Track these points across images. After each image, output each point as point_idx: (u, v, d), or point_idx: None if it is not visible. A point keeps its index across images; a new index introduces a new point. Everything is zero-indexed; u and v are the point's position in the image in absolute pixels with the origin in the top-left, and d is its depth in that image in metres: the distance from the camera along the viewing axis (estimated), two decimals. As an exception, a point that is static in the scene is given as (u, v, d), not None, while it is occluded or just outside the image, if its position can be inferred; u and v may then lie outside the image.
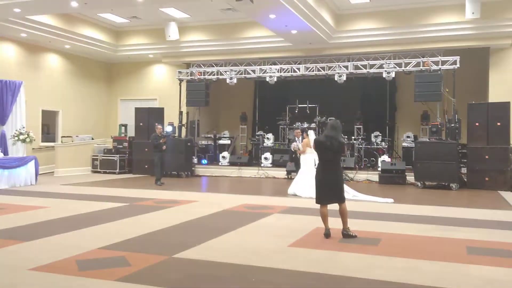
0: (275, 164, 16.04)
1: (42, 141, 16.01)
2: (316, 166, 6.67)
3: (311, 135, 10.84)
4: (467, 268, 4.96)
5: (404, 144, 15.81)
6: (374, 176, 14.41)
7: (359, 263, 5.11)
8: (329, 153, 6.28)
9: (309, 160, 10.70)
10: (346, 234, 6.25)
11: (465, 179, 13.12)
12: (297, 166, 11.40)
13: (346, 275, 4.66)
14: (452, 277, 4.67)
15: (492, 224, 7.58)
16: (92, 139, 17.22)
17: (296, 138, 11.89)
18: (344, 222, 6.31)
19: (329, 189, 6.29)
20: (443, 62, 13.59)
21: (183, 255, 5.38)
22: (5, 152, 12.92)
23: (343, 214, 6.30)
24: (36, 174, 12.79)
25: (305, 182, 10.77)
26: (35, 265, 4.89)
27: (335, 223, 6.47)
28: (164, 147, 13.23)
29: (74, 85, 17.46)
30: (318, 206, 6.57)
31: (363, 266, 4.99)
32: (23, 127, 13.23)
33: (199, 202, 9.83)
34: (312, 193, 10.17)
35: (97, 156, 16.69)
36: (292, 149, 11.46)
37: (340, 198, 6.31)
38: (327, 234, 6.26)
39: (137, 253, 5.46)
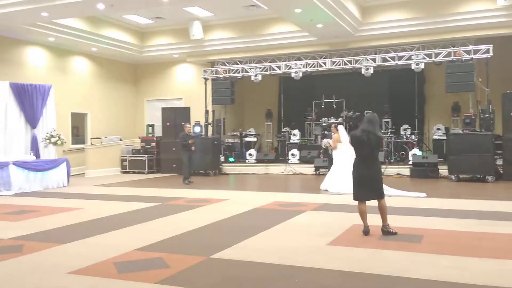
0: (303, 160, 15.87)
1: (72, 143, 16.23)
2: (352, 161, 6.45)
3: (341, 130, 10.65)
4: (520, 265, 4.73)
5: (435, 136, 15.44)
6: (405, 170, 14.11)
7: (404, 262, 4.92)
8: (366, 147, 6.09)
9: (341, 155, 10.52)
10: (386, 231, 6.06)
11: (501, 171, 12.70)
12: (330, 162, 11.20)
13: (393, 275, 4.47)
14: (507, 275, 4.44)
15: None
16: (121, 140, 17.39)
17: (333, 134, 11.66)
18: (384, 219, 6.12)
19: (367, 185, 6.11)
20: (475, 51, 13.18)
21: (221, 256, 5.29)
22: (37, 155, 13.12)
23: (382, 211, 6.11)
24: (68, 176, 12.95)
25: (336, 178, 10.62)
26: (73, 268, 4.87)
27: (373, 220, 6.29)
28: (193, 147, 13.22)
29: (101, 87, 17.64)
30: (353, 202, 6.41)
31: (409, 265, 4.80)
32: (54, 130, 13.40)
33: (229, 200, 9.76)
34: (342, 188, 10.14)
35: (126, 156, 16.84)
36: (323, 146, 11.25)
37: (379, 194, 6.12)
38: (366, 232, 6.09)
39: (174, 254, 5.40)
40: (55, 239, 6.24)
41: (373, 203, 6.21)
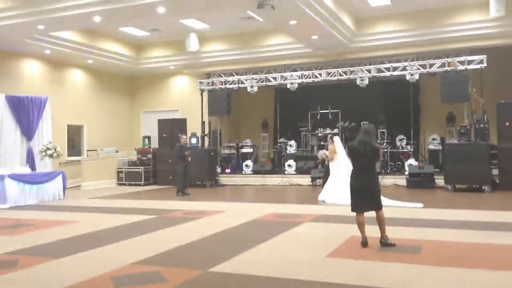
0: (299, 171, 15.86)
1: (68, 156, 16.15)
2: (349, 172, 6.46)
3: (337, 141, 10.67)
4: (520, 276, 4.72)
5: (430, 146, 15.50)
6: (401, 181, 14.11)
7: (404, 274, 4.90)
8: (363, 158, 6.09)
9: (338, 166, 10.53)
10: (385, 243, 6.05)
11: (497, 181, 12.74)
12: (327, 173, 11.18)
13: (392, 287, 4.45)
14: (507, 287, 4.43)
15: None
16: (117, 151, 17.34)
17: (329, 145, 11.64)
18: (382, 230, 6.11)
19: (364, 196, 6.10)
20: (469, 62, 13.27)
21: (219, 269, 5.26)
22: (33, 168, 13.04)
23: (380, 222, 6.10)
24: (64, 188, 12.87)
25: (333, 189, 10.63)
26: (70, 283, 4.82)
27: (371, 231, 6.27)
28: (190, 158, 13.20)
29: (98, 99, 17.63)
30: (350, 213, 6.39)
31: (409, 277, 4.78)
32: (50, 142, 13.35)
33: (226, 212, 9.72)
34: (339, 199, 10.14)
35: (122, 168, 16.79)
36: (319, 157, 11.23)
37: (377, 205, 6.12)
38: (365, 243, 6.06)
39: (171, 267, 5.36)
40: (51, 253, 6.17)
41: (371, 214, 6.19)
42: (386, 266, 5.23)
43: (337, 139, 10.88)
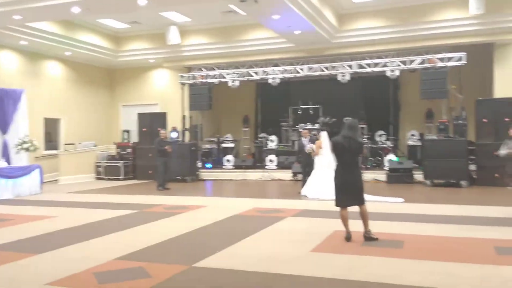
0: (281, 166, 15.88)
1: (45, 149, 15.80)
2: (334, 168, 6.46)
3: (324, 136, 10.69)
4: (500, 270, 4.80)
5: (410, 142, 15.72)
6: (381, 176, 14.26)
7: (388, 268, 4.94)
8: (347, 154, 6.12)
9: (322, 162, 10.56)
10: (368, 237, 6.09)
11: (475, 176, 12.99)
12: (310, 167, 11.16)
13: (378, 281, 4.49)
14: (489, 280, 4.51)
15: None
16: (95, 145, 17.05)
17: (303, 138, 11.68)
18: (366, 225, 6.15)
19: (348, 192, 6.13)
20: (449, 59, 13.47)
21: (204, 264, 5.21)
22: (8, 162, 12.72)
23: (364, 216, 6.14)
24: (41, 182, 12.59)
25: (315, 183, 10.67)
26: (51, 280, 4.72)
27: (354, 226, 6.30)
28: (170, 150, 13.07)
29: (76, 92, 17.27)
30: (333, 208, 6.43)
31: (393, 271, 4.82)
32: (26, 136, 13.03)
33: (208, 207, 9.66)
34: (321, 194, 10.20)
35: (101, 162, 16.52)
36: (306, 151, 11.19)
37: (360, 200, 6.15)
38: (348, 238, 6.10)
39: (155, 263, 5.29)
40: (31, 249, 6.02)
41: (354, 208, 6.23)
42: (371, 260, 5.27)
43: (324, 134, 10.89)
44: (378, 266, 5.02)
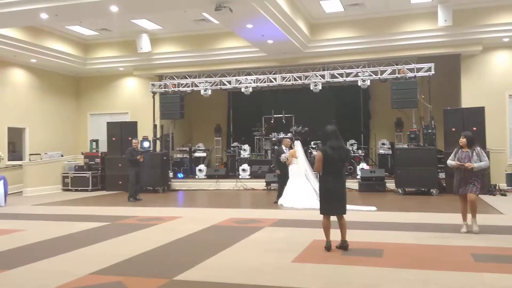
0: (253, 175, 15.81)
1: (9, 160, 15.19)
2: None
3: (298, 145, 10.70)
4: (481, 277, 4.86)
5: (380, 151, 15.95)
6: (353, 184, 14.37)
7: (370, 277, 4.92)
8: (338, 163, 6.11)
9: (295, 171, 10.57)
10: (343, 246, 6.07)
11: (444, 184, 13.26)
12: (286, 177, 11.10)
13: (362, 291, 4.46)
14: (469, 287, 4.54)
15: (485, 229, 7.58)
16: (62, 156, 16.53)
17: (283, 147, 11.56)
18: (344, 235, 6.13)
19: (334, 200, 6.10)
20: (418, 70, 13.78)
21: (184, 277, 5.06)
22: (-30, 173, 12.17)
23: (344, 227, 6.13)
24: (5, 194, 12.08)
25: (290, 192, 10.66)
26: (24, 297, 4.47)
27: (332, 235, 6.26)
28: (142, 160, 12.81)
29: (41, 100, 16.75)
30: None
31: (375, 280, 4.81)
32: (-10, 146, 12.51)
33: (183, 218, 9.48)
34: (295, 203, 10.21)
35: (68, 173, 16.02)
36: (282, 160, 11.12)
37: (344, 210, 6.15)
38: (329, 247, 6.06)
39: (134, 277, 5.10)
40: (2, 265, 5.71)
41: (333, 217, 6.20)
42: (353, 269, 5.24)
43: (297, 143, 10.91)
44: (361, 275, 5.00)
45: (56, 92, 17.42)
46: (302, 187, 10.49)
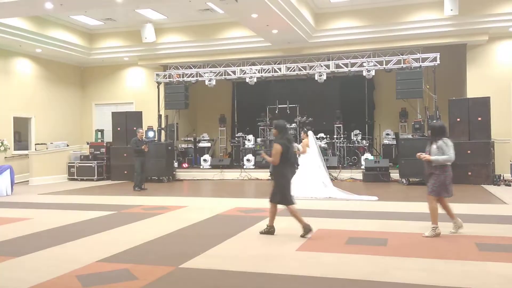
0: (258, 165, 15.86)
1: (15, 149, 15.30)
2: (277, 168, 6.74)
3: (311, 135, 10.70)
4: (485, 266, 4.89)
5: (385, 141, 15.96)
6: (358, 174, 14.42)
7: (374, 266, 4.97)
8: (293, 156, 6.80)
9: (307, 161, 10.57)
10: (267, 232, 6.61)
11: (448, 174, 13.24)
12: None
13: (365, 279, 4.50)
14: (474, 276, 4.58)
15: (489, 218, 7.63)
16: (68, 145, 16.63)
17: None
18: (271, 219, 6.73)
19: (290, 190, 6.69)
20: (423, 59, 13.72)
21: (190, 265, 5.12)
22: (-23, 162, 12.28)
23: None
24: (12, 184, 12.20)
25: (299, 182, 10.67)
26: (33, 284, 4.54)
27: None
28: (147, 149, 12.88)
29: (47, 90, 16.80)
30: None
31: (379, 269, 4.85)
32: (-4, 135, 12.61)
33: (188, 207, 9.55)
34: (304, 192, 10.22)
35: (74, 163, 16.13)
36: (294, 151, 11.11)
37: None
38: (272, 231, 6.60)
39: (140, 264, 5.17)
40: (8, 252, 5.81)
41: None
42: (357, 258, 5.29)
43: (310, 133, 10.91)
44: (364, 264, 5.05)
45: (61, 82, 17.48)
46: (311, 177, 10.48)
